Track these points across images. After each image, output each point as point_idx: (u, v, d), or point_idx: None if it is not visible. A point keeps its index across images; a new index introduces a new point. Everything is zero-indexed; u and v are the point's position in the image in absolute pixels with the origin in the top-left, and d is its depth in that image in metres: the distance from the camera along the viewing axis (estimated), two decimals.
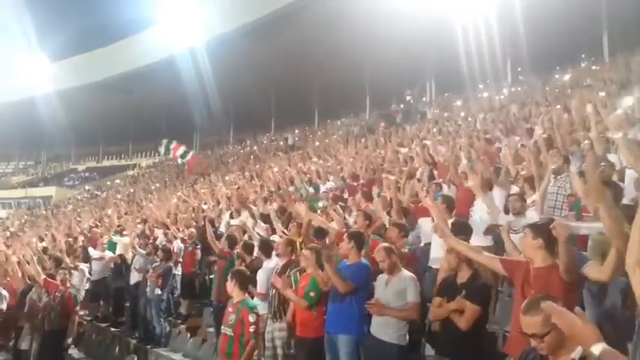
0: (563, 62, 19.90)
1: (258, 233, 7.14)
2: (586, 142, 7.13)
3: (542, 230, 3.37)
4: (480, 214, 5.85)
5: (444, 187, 8.43)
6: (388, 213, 6.10)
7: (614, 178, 5.38)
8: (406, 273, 4.18)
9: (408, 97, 22.69)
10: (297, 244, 5.75)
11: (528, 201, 5.54)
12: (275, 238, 6.69)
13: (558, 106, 12.02)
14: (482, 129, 12.76)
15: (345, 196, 10.05)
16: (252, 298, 4.91)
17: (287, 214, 7.85)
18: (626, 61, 16.63)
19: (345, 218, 7.15)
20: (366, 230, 5.61)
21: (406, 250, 5.22)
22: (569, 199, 5.55)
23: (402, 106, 21.92)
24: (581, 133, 7.86)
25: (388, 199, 6.70)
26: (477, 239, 5.75)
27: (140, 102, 35.55)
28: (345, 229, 5.79)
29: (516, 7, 20.03)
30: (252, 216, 8.43)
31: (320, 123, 32.01)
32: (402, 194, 6.95)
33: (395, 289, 4.09)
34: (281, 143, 27.09)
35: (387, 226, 5.63)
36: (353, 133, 21.66)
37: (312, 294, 4.45)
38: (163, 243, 8.70)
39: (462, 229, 4.52)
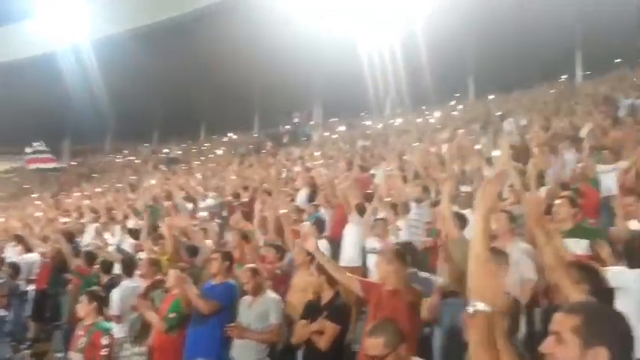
0: (438, 99, 21.78)
1: (123, 250, 6.69)
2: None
3: (398, 254, 3.60)
4: (349, 236, 6.14)
5: (321, 209, 8.72)
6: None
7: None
8: (270, 295, 4.18)
9: (295, 119, 23.15)
10: (164, 262, 5.48)
11: (392, 226, 5.90)
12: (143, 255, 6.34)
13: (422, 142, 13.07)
14: (359, 155, 13.42)
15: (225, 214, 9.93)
16: (108, 320, 4.56)
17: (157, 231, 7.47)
18: (488, 102, 18.72)
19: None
20: (242, 250, 5.57)
21: (278, 272, 5.26)
22: (427, 226, 5.99)
23: (288, 127, 22.30)
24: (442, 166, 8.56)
25: (268, 219, 6.72)
26: (347, 259, 6.01)
27: (6, 98, 31.83)
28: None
29: (396, 46, 21.51)
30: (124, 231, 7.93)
31: (206, 138, 31.31)
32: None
33: (258, 310, 4.06)
34: (162, 156, 26.00)
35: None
36: (239, 151, 21.50)
37: (172, 316, 4.24)
38: (12, 258, 7.80)
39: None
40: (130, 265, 5.48)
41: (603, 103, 12.15)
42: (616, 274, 3.00)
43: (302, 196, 10.31)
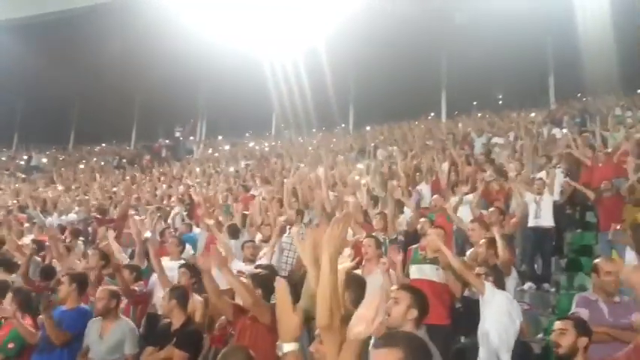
0: (322, 125, 22.57)
1: None
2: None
3: (258, 280, 3.68)
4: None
5: (195, 228, 8.56)
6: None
7: None
8: (124, 322, 4.00)
9: (177, 134, 22.40)
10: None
11: (261, 252, 5.97)
12: None
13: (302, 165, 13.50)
14: (242, 176, 13.43)
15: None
16: None
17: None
18: (365, 132, 19.90)
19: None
20: (101, 270, 5.26)
21: (137, 289, 5.07)
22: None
23: (168, 141, 21.51)
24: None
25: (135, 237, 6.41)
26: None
27: None
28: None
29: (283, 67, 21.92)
30: None
31: (75, 146, 28.87)
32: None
33: (111, 342, 3.83)
34: (22, 163, 23.48)
35: None
36: (111, 163, 20.20)
37: (10, 345, 3.85)
38: None
39: None
40: None
41: (462, 141, 13.58)
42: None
43: (176, 214, 10.04)
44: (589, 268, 4.47)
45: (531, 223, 6.94)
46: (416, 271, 4.87)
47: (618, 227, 5.63)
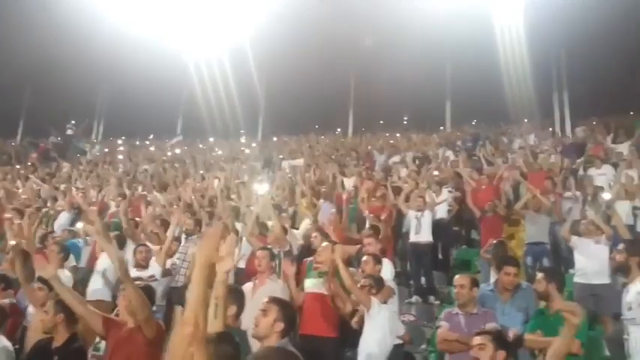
0: (231, 134, 22.19)
1: None
2: None
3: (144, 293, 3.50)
4: (101, 266, 5.76)
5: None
6: None
7: None
8: (1, 343, 3.62)
9: (69, 131, 20.79)
10: None
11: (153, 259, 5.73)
12: None
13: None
14: (141, 181, 12.77)
15: None
16: None
17: None
18: (272, 142, 19.94)
19: None
20: None
21: (7, 302, 4.63)
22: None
23: (59, 139, 19.91)
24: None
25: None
26: (90, 292, 5.58)
27: None
28: None
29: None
30: None
31: None
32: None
33: None
34: None
35: None
36: None
37: None
38: None
39: None
40: None
41: (366, 158, 14.09)
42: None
43: (63, 219, 9.33)
44: None
45: (412, 238, 7.35)
46: (310, 285, 4.93)
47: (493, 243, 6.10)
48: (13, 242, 5.27)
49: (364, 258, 4.76)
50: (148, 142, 22.75)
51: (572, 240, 6.02)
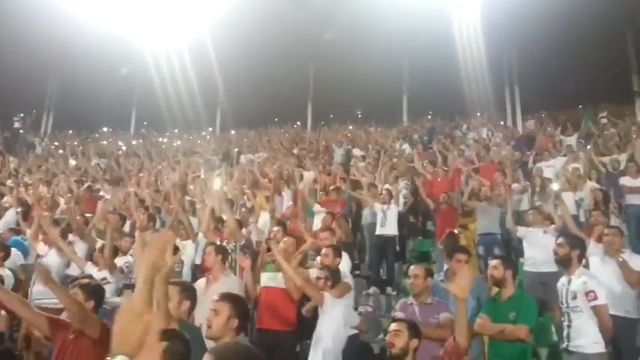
0: (190, 126, 21.70)
1: None
2: None
3: (89, 290, 3.39)
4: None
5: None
6: None
7: None
8: None
9: (16, 124, 19.82)
10: None
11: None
12: None
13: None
14: (91, 174, 12.35)
15: None
16: None
17: None
18: (230, 136, 19.68)
19: None
20: None
21: None
22: None
23: (6, 133, 18.95)
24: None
25: None
26: (36, 292, 5.37)
27: None
28: None
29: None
30: None
31: None
32: None
33: None
34: None
35: None
36: None
37: None
38: None
39: None
40: None
41: (324, 151, 14.12)
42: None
43: (9, 216, 8.92)
44: None
45: (378, 231, 7.44)
46: (267, 279, 4.91)
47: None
48: None
49: (324, 251, 4.77)
50: (98, 136, 21.98)
51: (519, 230, 6.24)
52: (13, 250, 6.31)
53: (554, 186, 7.56)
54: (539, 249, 5.87)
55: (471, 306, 4.07)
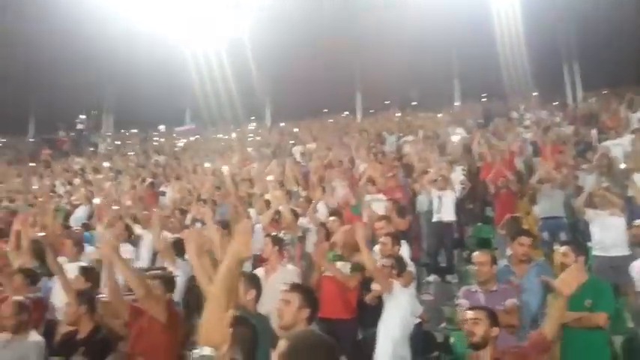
0: (239, 120, 22.19)
1: None
2: None
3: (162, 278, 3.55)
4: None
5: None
6: None
7: None
8: (32, 338, 3.66)
9: (79, 126, 20.93)
10: None
11: None
12: None
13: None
14: (151, 171, 12.87)
15: None
16: None
17: None
18: (281, 129, 19.91)
19: None
20: None
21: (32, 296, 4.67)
22: None
23: (72, 134, 20.08)
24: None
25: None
26: None
27: None
28: None
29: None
30: None
31: None
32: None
33: (16, 354, 3.53)
34: None
35: None
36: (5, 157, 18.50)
37: None
38: None
39: None
40: None
41: (375, 139, 13.98)
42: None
43: (80, 212, 9.43)
44: None
45: (434, 218, 7.32)
46: (326, 269, 4.94)
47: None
48: (41, 234, 5.31)
49: (382, 239, 4.73)
50: (156, 134, 22.83)
51: (587, 213, 5.95)
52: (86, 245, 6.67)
53: (622, 165, 7.16)
54: (608, 232, 5.59)
55: (540, 293, 3.94)
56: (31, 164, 17.41)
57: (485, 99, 19.22)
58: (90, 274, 4.36)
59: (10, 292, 4.47)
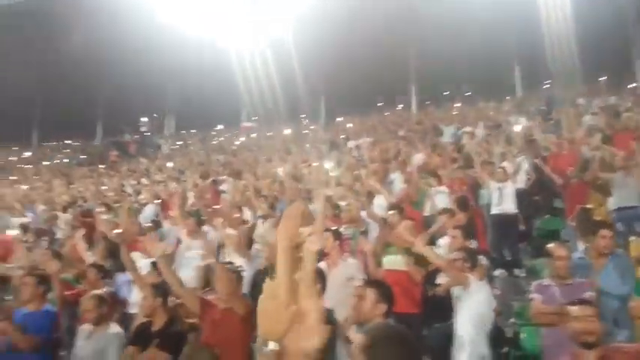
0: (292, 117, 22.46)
1: None
2: None
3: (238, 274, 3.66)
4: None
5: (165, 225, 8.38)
6: None
7: None
8: (112, 329, 3.90)
9: (143, 128, 21.92)
10: None
11: None
12: None
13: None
14: (214, 170, 13.24)
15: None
16: None
17: None
18: (336, 124, 19.92)
19: None
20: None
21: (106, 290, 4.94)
22: None
23: (136, 136, 21.06)
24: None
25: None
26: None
27: None
28: None
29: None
30: None
31: (39, 143, 27.93)
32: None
33: (97, 345, 3.77)
34: None
35: None
36: (75, 160, 19.66)
37: None
38: None
39: None
40: None
41: (432, 132, 13.71)
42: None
43: (148, 212, 9.84)
44: None
45: (494, 210, 7.08)
46: (388, 262, 4.91)
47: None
48: (116, 232, 5.59)
49: (451, 232, 4.63)
50: (214, 133, 23.48)
51: None
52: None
53: None
54: None
55: (625, 284, 3.73)
56: (100, 166, 18.44)
57: (548, 85, 18.37)
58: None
59: (86, 287, 4.78)
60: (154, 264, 4.80)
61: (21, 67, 23.22)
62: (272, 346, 1.46)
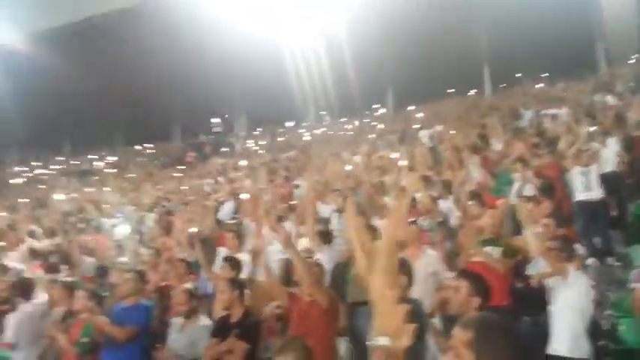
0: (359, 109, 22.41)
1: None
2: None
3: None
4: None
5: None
6: None
7: None
8: (202, 321, 4.10)
9: (216, 129, 22.76)
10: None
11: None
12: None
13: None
14: (283, 166, 13.47)
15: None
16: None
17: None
18: (406, 113, 19.57)
19: None
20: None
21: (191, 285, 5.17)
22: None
23: (211, 137, 21.92)
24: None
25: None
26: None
27: None
28: None
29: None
30: None
31: (122, 148, 29.83)
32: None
33: (190, 337, 3.98)
34: (73, 168, 24.49)
35: None
36: (158, 162, 20.78)
37: (84, 340, 4.02)
38: None
39: None
40: (24, 288, 4.92)
41: (509, 116, 13.07)
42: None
43: (227, 209, 10.17)
44: None
45: (580, 196, 6.64)
46: (474, 253, 4.75)
47: None
48: (193, 230, 5.85)
49: (544, 220, 4.40)
50: (282, 130, 23.89)
51: None
52: None
53: None
54: None
55: None
56: (179, 167, 19.37)
57: (633, 61, 16.95)
58: (233, 263, 4.67)
59: (174, 280, 5.02)
60: (226, 259, 4.93)
61: (98, 77, 24.93)
62: (383, 341, 1.44)
